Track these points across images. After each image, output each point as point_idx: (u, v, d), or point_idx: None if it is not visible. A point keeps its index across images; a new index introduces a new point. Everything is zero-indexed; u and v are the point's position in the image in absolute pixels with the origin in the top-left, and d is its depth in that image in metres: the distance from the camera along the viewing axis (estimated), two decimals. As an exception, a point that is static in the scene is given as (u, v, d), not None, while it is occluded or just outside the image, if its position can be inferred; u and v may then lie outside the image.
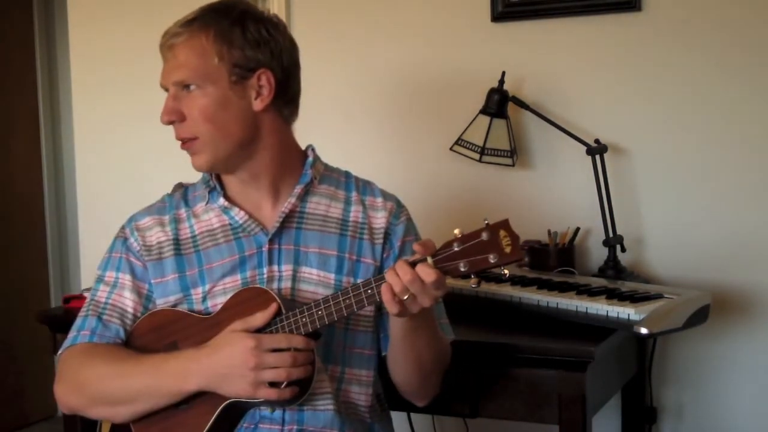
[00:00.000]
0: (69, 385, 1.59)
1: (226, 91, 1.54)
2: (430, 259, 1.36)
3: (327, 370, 1.56)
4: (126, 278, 1.62)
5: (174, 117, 1.55)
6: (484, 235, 1.33)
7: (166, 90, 1.58)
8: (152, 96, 1.60)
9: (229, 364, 1.44)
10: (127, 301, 1.61)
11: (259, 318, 1.47)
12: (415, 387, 1.64)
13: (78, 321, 1.63)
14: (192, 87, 1.54)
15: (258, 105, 1.56)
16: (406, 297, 1.38)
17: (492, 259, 1.32)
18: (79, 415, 1.62)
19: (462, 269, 1.34)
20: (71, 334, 1.61)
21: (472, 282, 1.37)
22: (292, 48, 1.62)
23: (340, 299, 1.45)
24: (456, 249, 1.34)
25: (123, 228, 1.67)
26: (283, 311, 1.47)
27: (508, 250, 1.32)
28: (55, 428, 3.96)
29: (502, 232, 1.32)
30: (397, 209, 1.67)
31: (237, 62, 1.53)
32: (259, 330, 1.47)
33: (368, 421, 1.63)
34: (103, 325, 1.59)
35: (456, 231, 1.35)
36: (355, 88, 2.56)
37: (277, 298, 1.48)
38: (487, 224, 1.34)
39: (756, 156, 2.18)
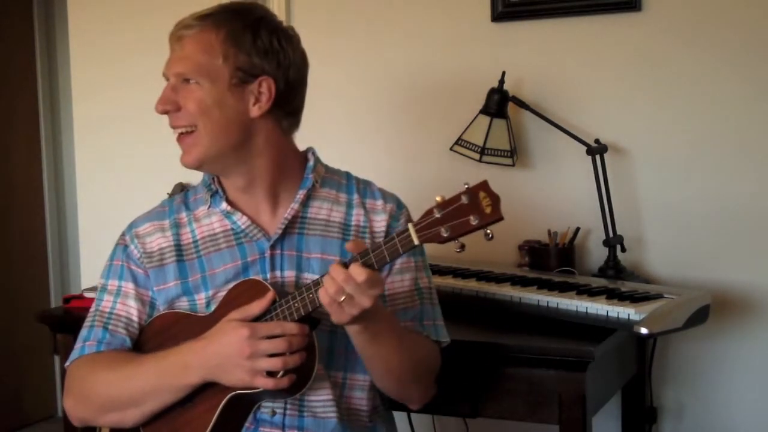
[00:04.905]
0: (76, 397, 1.58)
1: (224, 92, 1.52)
2: (360, 259, 1.38)
3: (330, 376, 1.56)
4: (129, 286, 1.62)
5: (169, 107, 1.54)
6: (464, 199, 1.32)
7: (167, 79, 1.57)
8: (152, 96, 1.60)
9: (226, 354, 1.44)
10: (132, 309, 1.61)
11: (256, 306, 1.47)
12: (395, 394, 1.63)
13: (83, 332, 1.62)
14: (191, 81, 1.53)
15: (255, 111, 1.54)
16: (342, 298, 1.37)
17: (473, 221, 1.31)
18: (90, 425, 1.61)
19: (444, 234, 1.32)
20: (78, 345, 1.61)
21: (456, 247, 1.34)
22: (302, 63, 1.60)
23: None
24: (437, 215, 1.33)
25: (123, 235, 1.66)
26: (277, 299, 1.48)
27: (488, 210, 1.30)
28: (55, 428, 3.96)
29: (481, 194, 1.32)
30: (397, 211, 1.65)
31: (241, 66, 1.52)
32: (256, 319, 1.47)
33: (369, 425, 1.63)
34: (109, 334, 1.59)
35: (438, 197, 1.34)
36: (355, 88, 2.56)
37: (270, 287, 1.48)
38: (467, 188, 1.33)
39: (756, 156, 2.18)
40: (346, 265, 1.38)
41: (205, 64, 1.52)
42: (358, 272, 1.36)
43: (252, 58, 1.53)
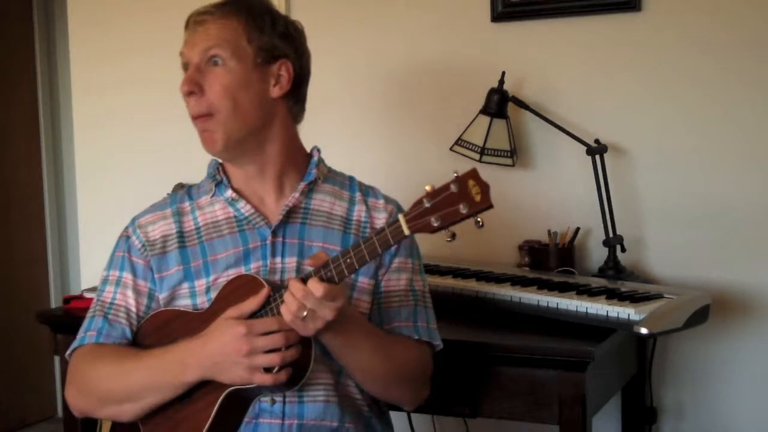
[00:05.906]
0: (77, 388, 1.60)
1: (249, 72, 1.57)
2: (322, 272, 1.40)
3: (326, 363, 1.56)
4: (128, 277, 1.63)
5: (194, 87, 1.56)
6: (453, 187, 1.32)
7: (185, 66, 1.60)
8: (152, 96, 1.60)
9: (223, 352, 1.45)
10: (130, 300, 1.62)
11: (251, 303, 1.48)
12: (383, 397, 1.64)
13: (85, 322, 1.64)
14: (218, 60, 1.56)
15: (276, 92, 1.59)
16: (304, 314, 1.39)
17: (463, 209, 1.30)
18: (90, 417, 1.63)
19: (434, 224, 1.32)
20: (79, 335, 1.63)
21: (447, 236, 1.34)
22: (309, 54, 1.67)
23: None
24: (427, 205, 1.33)
25: (126, 228, 1.69)
26: (272, 294, 1.48)
27: (478, 198, 1.30)
28: (55, 428, 3.96)
29: (470, 182, 1.31)
30: (398, 212, 1.66)
31: (264, 46, 1.58)
32: (253, 315, 1.48)
33: (366, 414, 1.63)
34: (109, 324, 1.60)
35: (427, 187, 1.34)
36: (355, 88, 2.56)
37: (265, 283, 1.49)
38: (456, 176, 1.33)
39: (756, 155, 2.18)
40: (304, 281, 1.39)
41: (232, 42, 1.56)
42: (316, 287, 1.38)
43: (273, 40, 1.59)
